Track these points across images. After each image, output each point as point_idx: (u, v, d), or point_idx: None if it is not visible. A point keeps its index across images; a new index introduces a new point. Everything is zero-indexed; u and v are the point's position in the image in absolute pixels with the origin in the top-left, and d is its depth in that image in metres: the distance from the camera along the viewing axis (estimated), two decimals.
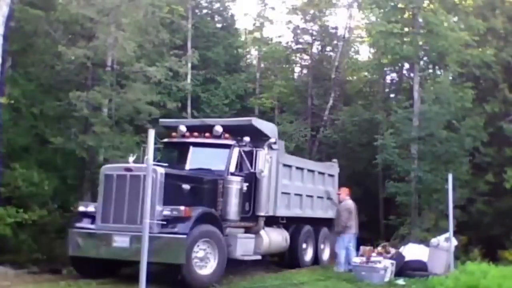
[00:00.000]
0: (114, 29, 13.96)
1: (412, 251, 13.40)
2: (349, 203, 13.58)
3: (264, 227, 12.29)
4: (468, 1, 20.47)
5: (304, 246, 14.15)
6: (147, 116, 14.80)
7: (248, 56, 26.97)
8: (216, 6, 23.62)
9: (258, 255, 11.97)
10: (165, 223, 9.69)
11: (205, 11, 23.20)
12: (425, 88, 18.64)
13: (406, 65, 22.05)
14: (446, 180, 11.99)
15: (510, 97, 17.96)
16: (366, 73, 25.92)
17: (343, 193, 13.99)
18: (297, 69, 27.67)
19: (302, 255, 14.04)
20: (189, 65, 18.79)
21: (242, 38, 25.92)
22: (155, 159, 8.21)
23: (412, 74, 20.44)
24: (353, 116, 22.78)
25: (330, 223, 14.40)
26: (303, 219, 14.30)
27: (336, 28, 25.48)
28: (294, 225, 13.91)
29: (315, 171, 15.00)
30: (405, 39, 18.51)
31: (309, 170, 14.63)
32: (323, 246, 15.02)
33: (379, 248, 13.40)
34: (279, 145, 12.94)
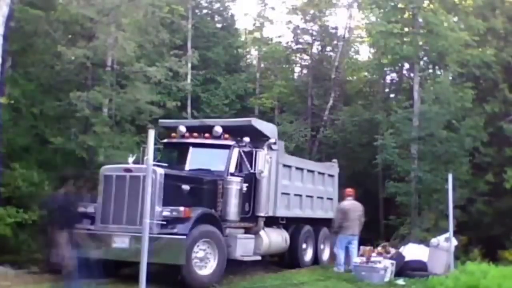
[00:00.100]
0: (114, 29, 13.97)
1: (412, 251, 13.41)
2: (345, 204, 13.56)
3: (264, 227, 12.28)
4: (468, 1, 20.48)
5: (304, 246, 14.15)
6: (148, 116, 14.80)
7: (248, 56, 26.99)
8: (216, 6, 23.64)
9: (258, 255, 11.97)
10: (165, 223, 9.69)
11: (205, 11, 23.22)
12: (425, 88, 18.64)
13: (406, 65, 22.07)
14: (446, 180, 11.99)
15: (510, 97, 17.96)
16: (366, 73, 25.94)
17: (345, 193, 14.01)
18: (297, 69, 27.74)
19: (302, 255, 14.05)
20: (189, 65, 18.80)
21: (242, 38, 25.94)
22: (154, 160, 8.20)
23: (412, 74, 20.46)
24: (353, 116, 22.79)
25: (330, 223, 14.39)
26: (303, 219, 14.30)
27: (336, 28, 25.54)
28: (294, 225, 13.91)
29: (315, 171, 14.99)
30: (405, 39, 18.51)
31: (309, 171, 14.63)
32: (323, 246, 15.03)
33: (379, 248, 13.40)
34: (279, 146, 12.94)
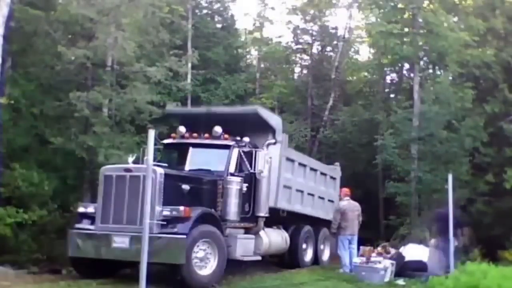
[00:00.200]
0: (114, 29, 13.95)
1: (412, 251, 13.40)
2: (342, 204, 13.56)
3: (264, 227, 12.28)
4: (468, 1, 20.51)
5: (304, 247, 14.15)
6: (148, 116, 14.79)
7: (248, 56, 26.97)
8: (216, 6, 23.61)
9: (258, 255, 11.97)
10: (165, 223, 9.69)
11: (205, 11, 23.18)
12: (425, 88, 18.66)
13: (406, 65, 22.08)
14: (446, 180, 11.97)
15: (510, 97, 17.95)
16: (366, 73, 25.96)
17: (341, 193, 14.01)
18: (297, 69, 27.73)
19: (302, 255, 14.05)
20: (189, 65, 18.79)
21: (242, 38, 25.91)
22: (154, 160, 8.21)
23: (412, 74, 20.48)
24: (353, 116, 22.81)
25: (330, 224, 14.39)
26: (303, 220, 14.31)
27: (336, 28, 25.54)
28: (294, 226, 13.93)
29: (318, 171, 15.01)
30: (405, 39, 18.53)
31: (311, 169, 14.63)
32: (323, 246, 15.04)
33: (379, 248, 13.40)
34: (283, 138, 12.92)
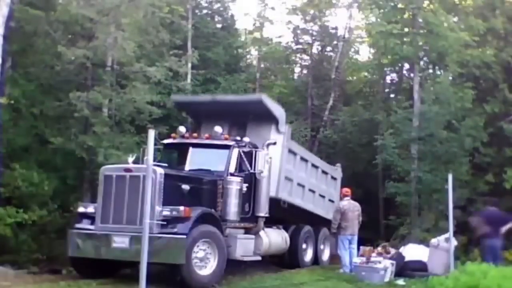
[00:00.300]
0: (114, 29, 13.96)
1: (412, 251, 13.41)
2: (342, 204, 13.56)
3: (264, 227, 12.29)
4: (468, 1, 20.49)
5: (304, 247, 14.16)
6: (148, 116, 14.79)
7: (248, 56, 26.97)
8: (216, 6, 23.60)
9: (258, 255, 11.97)
10: (165, 223, 9.69)
11: (205, 11, 23.18)
12: (425, 88, 18.64)
13: (406, 65, 22.07)
14: (446, 180, 11.97)
15: (510, 97, 17.94)
16: (366, 73, 25.96)
17: (342, 193, 14.02)
18: (297, 69, 27.76)
19: (302, 255, 14.06)
20: (189, 65, 18.78)
21: (242, 38, 25.91)
22: (154, 160, 8.21)
23: (412, 74, 20.46)
24: (353, 116, 22.81)
25: (330, 224, 14.40)
26: (303, 219, 14.32)
27: (336, 28, 25.55)
28: (294, 226, 13.94)
29: (319, 168, 15.02)
30: (405, 39, 18.51)
31: (313, 165, 14.65)
32: (322, 246, 15.04)
33: (379, 248, 13.42)
34: (286, 130, 13.01)
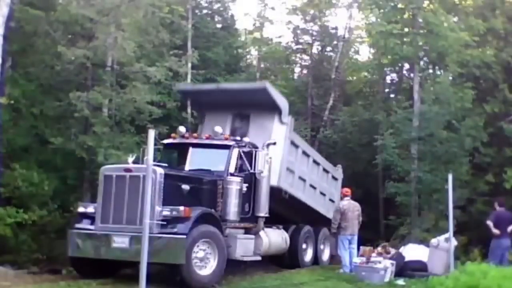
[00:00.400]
0: (114, 29, 13.96)
1: (412, 251, 13.41)
2: (342, 204, 13.56)
3: (264, 227, 12.29)
4: (468, 1, 20.50)
5: (304, 247, 14.15)
6: (148, 116, 14.80)
7: (248, 56, 26.97)
8: (216, 6, 23.61)
9: (258, 256, 11.96)
10: (164, 223, 9.68)
11: (205, 11, 23.17)
12: (425, 89, 18.65)
13: (406, 65, 22.07)
14: (446, 180, 11.97)
15: (510, 97, 17.96)
16: (366, 73, 25.96)
17: (342, 193, 14.03)
18: (297, 69, 27.76)
19: (302, 255, 14.04)
20: (189, 65, 18.78)
21: (242, 38, 25.92)
22: (154, 160, 8.21)
23: (412, 74, 20.47)
24: (353, 116, 22.81)
25: (330, 224, 14.40)
26: (303, 217, 14.33)
27: (336, 28, 25.55)
28: (294, 226, 13.94)
29: (320, 165, 15.04)
30: (405, 39, 18.51)
31: (314, 161, 14.66)
32: (322, 246, 15.02)
33: (379, 248, 13.41)
34: (289, 121, 13.07)
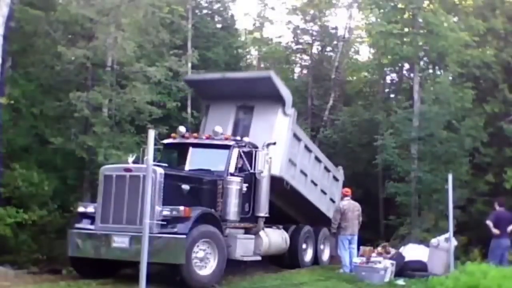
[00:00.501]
0: (114, 29, 13.94)
1: (412, 251, 13.41)
2: (342, 204, 13.56)
3: (264, 227, 12.29)
4: (468, 1, 20.49)
5: (304, 247, 14.16)
6: (148, 116, 14.79)
7: (248, 56, 26.98)
8: (216, 6, 23.60)
9: (258, 255, 11.97)
10: (164, 223, 9.69)
11: (205, 11, 23.16)
12: (425, 89, 18.65)
13: (406, 66, 22.07)
14: (446, 180, 11.98)
15: (510, 97, 17.96)
16: (366, 73, 25.97)
17: (342, 193, 14.04)
18: (297, 69, 27.79)
19: (302, 255, 14.06)
20: (189, 64, 18.77)
21: (242, 38, 25.92)
22: (154, 160, 8.21)
23: (412, 75, 20.47)
24: (353, 116, 22.81)
25: (330, 223, 14.41)
26: (303, 215, 14.35)
27: (336, 28, 25.58)
28: (294, 226, 13.95)
29: (322, 163, 15.06)
30: (405, 39, 18.51)
31: (316, 158, 14.68)
32: (323, 246, 15.04)
33: (379, 248, 13.42)
34: (292, 113, 13.21)
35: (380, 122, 20.03)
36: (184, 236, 9.53)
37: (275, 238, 12.84)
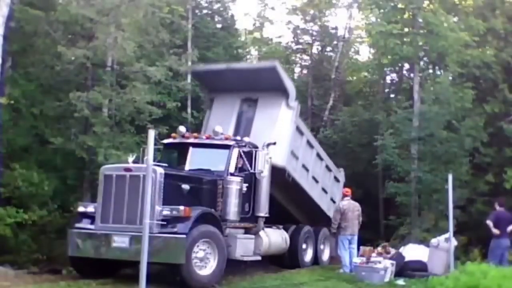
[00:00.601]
0: (114, 29, 13.93)
1: (412, 251, 13.41)
2: (342, 204, 13.56)
3: (264, 227, 12.29)
4: (468, 1, 20.49)
5: (304, 247, 14.16)
6: (148, 116, 14.79)
7: (248, 56, 26.96)
8: (216, 6, 23.61)
9: (258, 255, 11.97)
10: (164, 223, 9.69)
11: (205, 11, 23.17)
12: (425, 89, 18.65)
13: (406, 66, 22.07)
14: (446, 180, 11.99)
15: (510, 97, 17.96)
16: (366, 73, 25.97)
17: (342, 193, 14.05)
18: (297, 69, 27.77)
19: (302, 255, 14.06)
20: (189, 64, 18.78)
21: (242, 38, 25.93)
22: (154, 160, 8.20)
23: (412, 75, 20.47)
24: (353, 117, 22.81)
25: (330, 223, 14.41)
26: (303, 214, 14.36)
27: (336, 28, 25.61)
28: (294, 226, 13.95)
29: (324, 161, 15.06)
30: (405, 39, 18.50)
31: (318, 155, 14.68)
32: (323, 246, 15.04)
33: (379, 248, 13.42)
34: (295, 105, 13.22)
35: (380, 122, 20.03)
36: (184, 236, 9.53)
37: (275, 238, 12.84)
